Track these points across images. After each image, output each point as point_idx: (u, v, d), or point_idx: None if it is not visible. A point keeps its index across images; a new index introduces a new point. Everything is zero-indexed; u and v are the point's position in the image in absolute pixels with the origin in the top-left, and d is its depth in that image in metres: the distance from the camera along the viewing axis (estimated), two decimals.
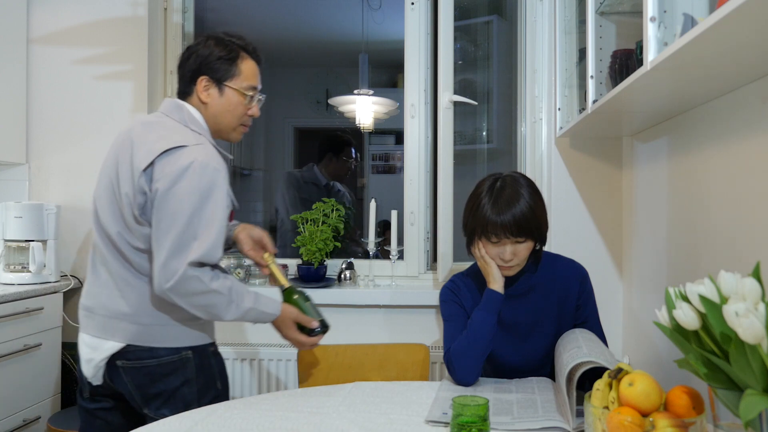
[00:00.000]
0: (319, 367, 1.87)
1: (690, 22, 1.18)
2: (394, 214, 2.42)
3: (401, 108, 2.63)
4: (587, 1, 1.70)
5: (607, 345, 1.51)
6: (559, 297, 1.57)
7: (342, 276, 2.45)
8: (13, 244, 2.35)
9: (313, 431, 1.18)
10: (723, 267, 0.90)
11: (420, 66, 2.51)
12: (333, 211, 2.43)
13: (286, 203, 3.20)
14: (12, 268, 2.35)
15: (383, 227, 3.10)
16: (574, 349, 1.31)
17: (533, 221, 1.47)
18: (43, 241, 2.35)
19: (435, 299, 2.09)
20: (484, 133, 2.90)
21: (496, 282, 1.52)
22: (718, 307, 0.82)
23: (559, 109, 2.18)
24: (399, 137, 4.82)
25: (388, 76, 4.83)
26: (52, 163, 2.57)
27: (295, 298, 1.60)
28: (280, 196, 3.27)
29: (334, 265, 2.50)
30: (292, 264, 2.49)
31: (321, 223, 2.41)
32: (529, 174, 2.30)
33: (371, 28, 3.97)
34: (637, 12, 1.31)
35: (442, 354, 1.56)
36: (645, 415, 0.93)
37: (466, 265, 1.77)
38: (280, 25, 4.27)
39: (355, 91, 3.30)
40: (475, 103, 2.48)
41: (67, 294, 2.42)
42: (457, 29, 2.40)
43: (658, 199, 1.83)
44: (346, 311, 2.35)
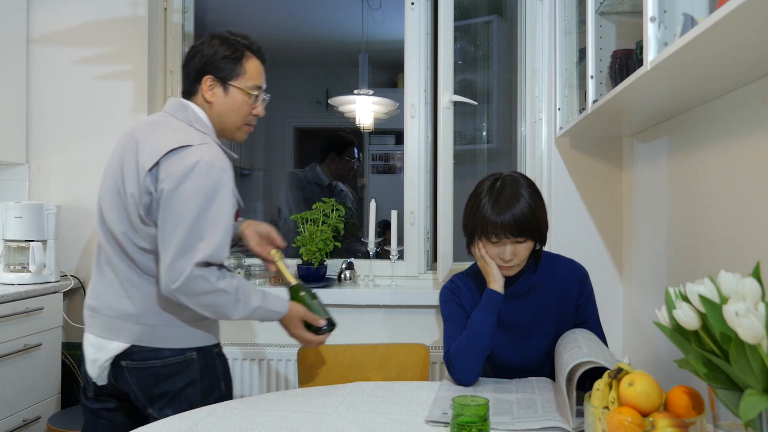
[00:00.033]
0: (319, 367, 1.87)
1: (690, 22, 1.18)
2: (394, 214, 2.42)
3: (401, 108, 2.63)
4: (587, 1, 1.70)
5: (607, 345, 1.51)
6: (559, 297, 1.57)
7: (342, 276, 2.45)
8: (13, 244, 2.35)
9: (313, 431, 1.18)
10: (723, 267, 0.90)
11: (420, 66, 2.51)
12: (333, 211, 2.43)
13: (290, 203, 3.21)
14: (12, 268, 2.35)
15: (383, 227, 3.10)
16: (574, 349, 1.31)
17: (533, 221, 1.47)
18: (43, 241, 2.35)
19: (435, 299, 2.09)
20: (484, 133, 2.90)
21: (496, 282, 1.52)
22: (718, 307, 0.82)
23: (559, 109, 2.18)
24: (399, 137, 4.82)
25: (388, 76, 4.83)
26: (52, 163, 2.57)
27: (302, 295, 1.59)
28: (284, 196, 3.27)
29: (334, 265, 2.50)
30: (293, 264, 2.49)
31: (321, 223, 2.41)
32: (529, 174, 2.30)
33: (371, 28, 3.97)
34: (637, 12, 1.31)
35: (442, 354, 1.56)
36: (645, 415, 0.93)
37: (466, 265, 1.77)
38: (280, 25, 4.28)
39: (355, 91, 3.30)
40: (475, 103, 2.48)
41: (67, 294, 2.42)
42: (457, 29, 2.40)
43: (658, 199, 1.83)
44: (346, 311, 2.35)
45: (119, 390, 1.50)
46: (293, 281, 1.63)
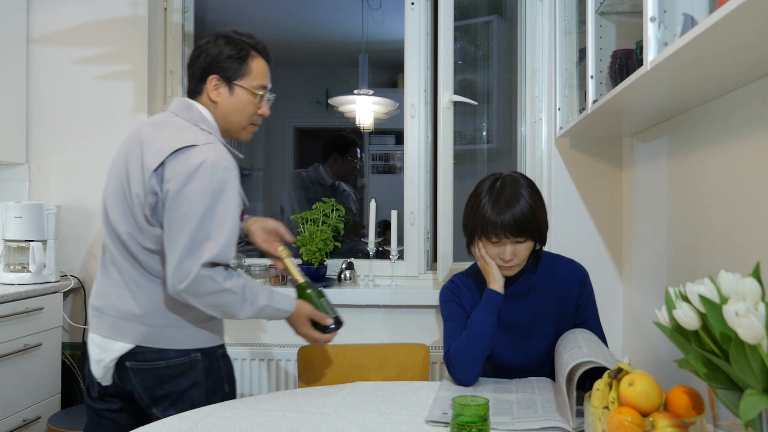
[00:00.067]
0: (319, 367, 1.87)
1: (690, 22, 1.18)
2: (394, 214, 2.42)
3: (401, 108, 2.63)
4: (587, 1, 1.70)
5: (607, 345, 1.51)
6: (559, 297, 1.57)
7: (342, 276, 2.45)
8: (13, 244, 2.35)
9: (313, 431, 1.18)
10: (723, 267, 0.90)
11: (420, 66, 2.51)
12: (333, 211, 2.44)
13: (293, 203, 3.21)
14: (12, 268, 2.35)
15: (383, 227, 3.10)
16: (574, 349, 1.31)
17: (533, 221, 1.47)
18: (43, 241, 2.35)
19: (435, 299, 2.09)
20: (484, 133, 2.90)
21: (496, 282, 1.52)
22: (718, 307, 0.82)
23: (559, 109, 2.18)
24: (399, 137, 4.82)
25: (388, 76, 4.83)
26: (52, 163, 2.57)
27: (309, 293, 1.59)
28: (287, 196, 3.28)
29: (334, 265, 2.50)
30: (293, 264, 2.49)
31: (321, 223, 2.41)
32: (529, 174, 2.30)
33: (371, 28, 3.96)
34: (637, 12, 1.31)
35: (442, 354, 1.56)
36: (645, 415, 0.93)
37: (466, 265, 1.77)
38: (280, 25, 4.28)
39: (355, 91, 3.30)
40: (475, 103, 2.48)
41: (67, 294, 2.42)
42: (457, 29, 2.40)
43: (658, 199, 1.83)
44: (346, 311, 2.31)
45: (124, 390, 1.50)
46: (301, 279, 1.62)
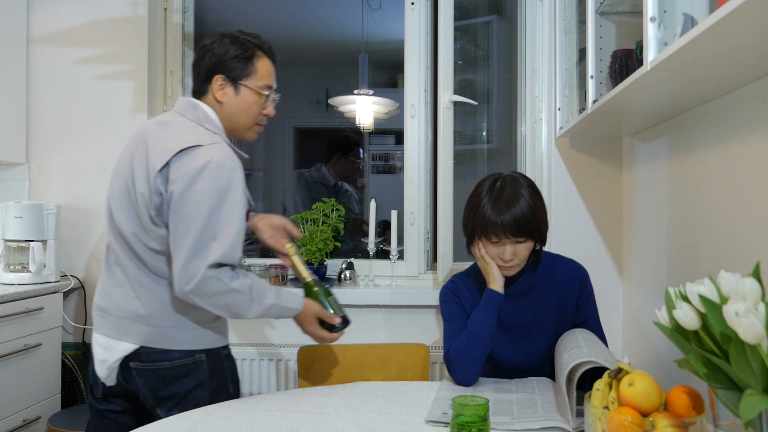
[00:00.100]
0: (319, 366, 1.87)
1: (690, 22, 1.18)
2: (394, 214, 2.42)
3: (401, 108, 2.63)
4: (587, 1, 1.70)
5: (607, 345, 1.51)
6: (559, 297, 1.57)
7: (342, 276, 2.45)
8: (13, 244, 2.35)
9: (313, 431, 1.18)
10: (723, 267, 0.90)
11: (420, 66, 2.51)
12: (333, 211, 2.44)
13: (296, 203, 3.22)
14: (12, 268, 2.35)
15: (383, 227, 3.10)
16: (574, 349, 1.31)
17: (533, 221, 1.47)
18: (43, 241, 2.35)
19: (435, 299, 2.09)
20: (484, 133, 2.90)
21: (496, 282, 1.52)
22: (718, 307, 0.82)
23: (559, 109, 2.18)
24: (399, 137, 4.81)
25: (388, 76, 4.83)
26: (52, 163, 2.57)
27: (317, 292, 1.58)
28: (291, 196, 3.29)
29: (334, 265, 2.50)
30: None
31: (321, 223, 2.41)
32: (529, 174, 2.30)
33: (371, 28, 3.96)
34: (637, 12, 1.31)
35: (442, 354, 1.56)
36: (645, 415, 0.93)
37: (466, 265, 1.77)
38: (280, 25, 4.28)
39: (355, 91, 3.30)
40: (475, 103, 2.47)
41: (67, 294, 2.42)
42: (457, 29, 2.40)
43: (658, 199, 1.83)
44: (346, 311, 2.34)
45: (128, 391, 1.49)
46: (308, 277, 1.61)
